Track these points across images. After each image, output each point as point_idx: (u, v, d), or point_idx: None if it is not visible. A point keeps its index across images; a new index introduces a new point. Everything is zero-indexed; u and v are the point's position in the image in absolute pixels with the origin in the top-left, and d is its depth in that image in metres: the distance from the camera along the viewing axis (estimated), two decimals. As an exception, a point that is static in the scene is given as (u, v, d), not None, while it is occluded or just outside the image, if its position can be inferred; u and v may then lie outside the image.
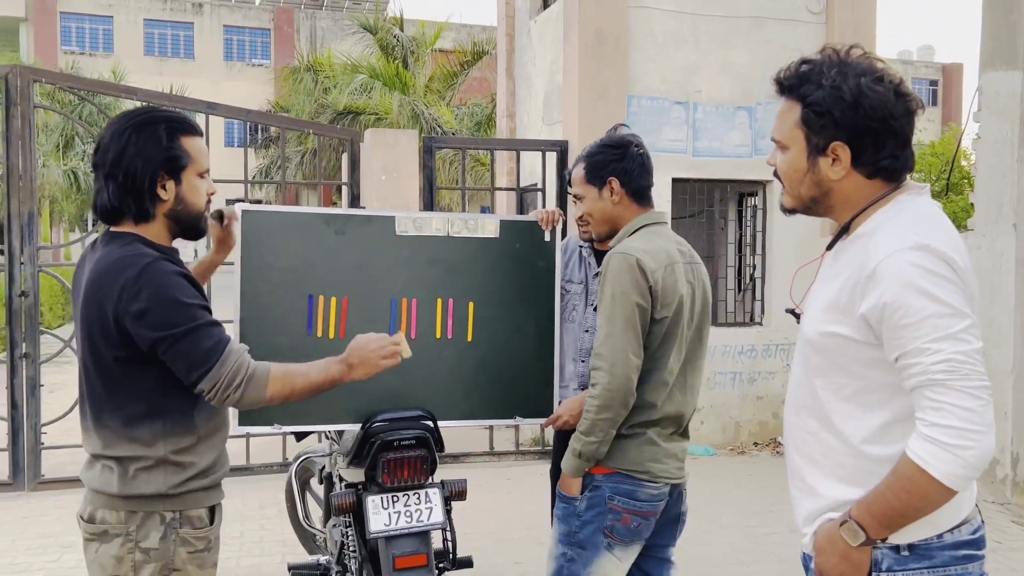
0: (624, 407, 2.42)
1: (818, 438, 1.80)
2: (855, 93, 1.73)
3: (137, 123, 2.11)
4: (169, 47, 35.69)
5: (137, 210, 2.09)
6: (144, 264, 2.00)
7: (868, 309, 1.66)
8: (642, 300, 2.42)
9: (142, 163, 2.07)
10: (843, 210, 1.83)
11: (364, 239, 2.85)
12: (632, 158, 2.63)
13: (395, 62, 16.93)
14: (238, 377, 2.02)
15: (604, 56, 7.41)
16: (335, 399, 2.84)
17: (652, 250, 2.48)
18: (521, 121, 9.26)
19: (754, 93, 7.90)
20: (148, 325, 1.97)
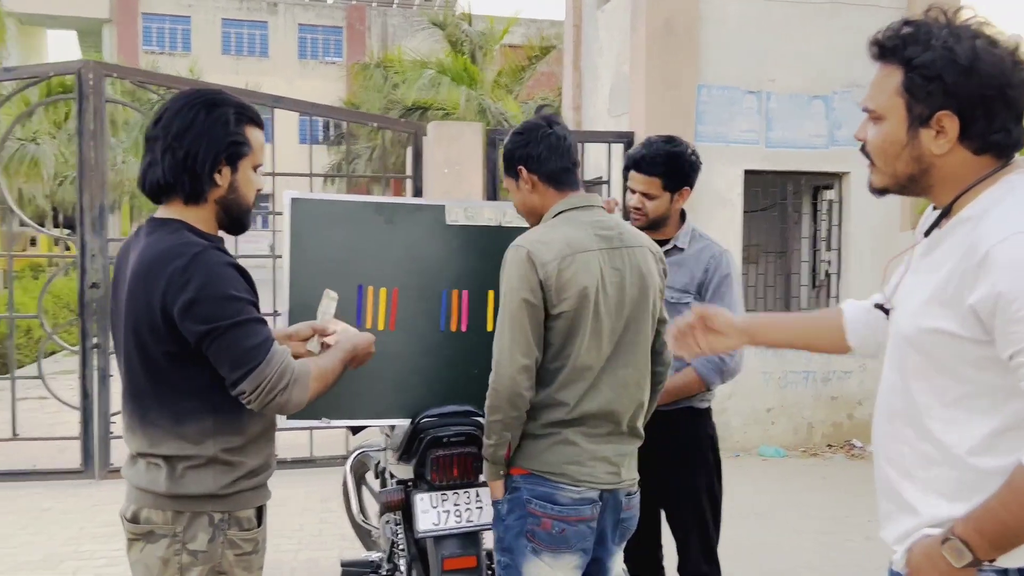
0: (513, 408, 2.27)
1: (915, 449, 1.59)
2: (970, 56, 1.53)
3: (206, 101, 2.01)
4: (245, 46, 36.39)
5: (191, 190, 1.98)
6: (194, 253, 1.90)
7: (978, 300, 1.46)
8: (531, 296, 2.25)
9: (207, 143, 1.97)
10: (944, 190, 1.61)
11: (414, 229, 2.76)
12: (538, 141, 2.39)
13: (463, 57, 16.90)
14: (284, 378, 1.92)
15: (672, 45, 7.21)
16: (385, 393, 2.76)
17: (551, 240, 2.29)
18: (587, 114, 9.10)
19: (831, 81, 7.60)
20: (195, 317, 1.87)
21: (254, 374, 1.89)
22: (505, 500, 2.36)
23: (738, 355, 2.85)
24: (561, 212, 2.39)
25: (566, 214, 2.38)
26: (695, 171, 2.93)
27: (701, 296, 2.89)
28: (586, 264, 2.29)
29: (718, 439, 3.02)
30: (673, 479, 2.93)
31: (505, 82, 17.22)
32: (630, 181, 2.96)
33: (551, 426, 2.32)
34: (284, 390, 1.92)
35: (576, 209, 2.39)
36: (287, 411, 1.98)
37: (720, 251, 2.93)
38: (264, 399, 1.91)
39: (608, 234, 2.37)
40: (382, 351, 2.72)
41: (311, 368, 2.00)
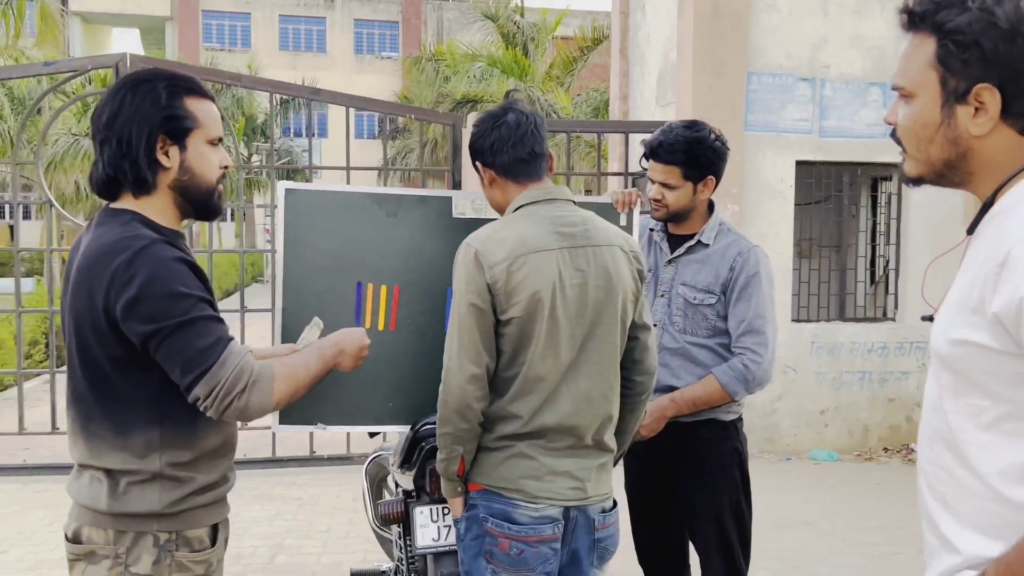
0: (463, 420, 2.06)
1: (953, 476, 1.37)
2: (1013, 18, 1.30)
3: (133, 81, 1.85)
4: (303, 41, 36.69)
5: (134, 178, 1.81)
6: (139, 247, 1.72)
7: (1001, 307, 1.24)
8: (478, 299, 2.05)
9: (138, 124, 1.80)
10: (986, 178, 1.38)
11: (418, 222, 2.58)
12: (490, 131, 2.17)
13: (514, 50, 16.70)
14: (240, 382, 1.72)
15: (721, 31, 6.92)
16: (384, 398, 2.60)
17: (503, 238, 2.08)
18: (634, 103, 8.84)
19: (889, 67, 7.22)
20: (138, 317, 1.69)
21: (206, 377, 1.71)
22: (464, 518, 2.16)
23: (765, 361, 2.60)
24: (520, 207, 2.17)
25: (525, 209, 2.16)
26: (720, 159, 2.68)
27: (726, 296, 2.65)
28: (540, 265, 2.07)
29: (747, 453, 2.77)
30: (694, 496, 2.70)
31: (556, 74, 16.96)
32: (649, 171, 2.74)
33: (505, 439, 2.12)
34: (241, 394, 1.72)
35: (536, 203, 2.16)
36: (247, 417, 1.79)
37: (748, 247, 2.68)
38: (220, 405, 1.72)
39: (570, 231, 2.14)
40: (382, 353, 2.57)
41: (275, 368, 1.80)
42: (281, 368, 1.82)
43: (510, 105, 2.24)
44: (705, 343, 2.66)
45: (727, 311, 2.65)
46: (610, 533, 2.23)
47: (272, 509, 5.38)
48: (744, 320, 2.60)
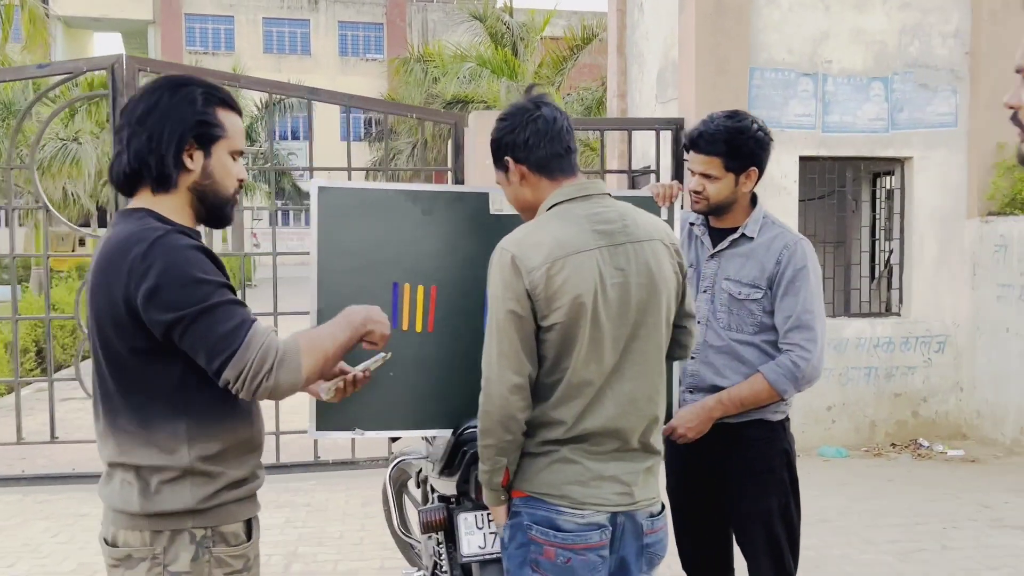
0: (507, 431, 1.98)
1: None
2: None
3: (172, 82, 1.88)
4: (287, 44, 36.52)
5: (158, 175, 1.82)
6: (154, 238, 1.73)
7: None
8: (517, 306, 1.96)
9: (171, 122, 1.82)
10: None
11: (455, 219, 2.51)
12: (524, 126, 2.07)
13: (504, 50, 16.64)
14: (268, 361, 1.70)
15: (724, 26, 6.88)
16: (423, 401, 2.52)
17: (539, 240, 1.99)
18: (633, 101, 8.80)
19: (891, 62, 7.22)
20: (159, 306, 1.69)
21: (233, 360, 1.69)
22: (508, 526, 2.08)
23: (815, 358, 2.53)
24: (554, 205, 2.08)
25: (560, 207, 2.07)
26: (763, 149, 2.62)
27: (772, 290, 2.58)
28: (580, 267, 1.98)
29: (795, 453, 2.70)
30: (741, 499, 2.63)
31: (546, 73, 16.91)
32: (689, 162, 2.67)
33: (548, 444, 2.04)
34: (269, 373, 1.71)
35: (571, 201, 2.07)
36: (279, 395, 1.77)
37: (795, 240, 2.62)
38: (250, 386, 1.71)
39: (609, 228, 2.05)
40: (420, 355, 2.50)
41: (300, 342, 1.78)
42: (306, 342, 1.80)
43: (540, 99, 2.15)
44: (751, 340, 2.59)
45: (773, 306, 2.58)
46: (659, 538, 2.16)
47: (281, 516, 5.28)
48: (792, 315, 2.54)
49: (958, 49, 7.31)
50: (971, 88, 7.30)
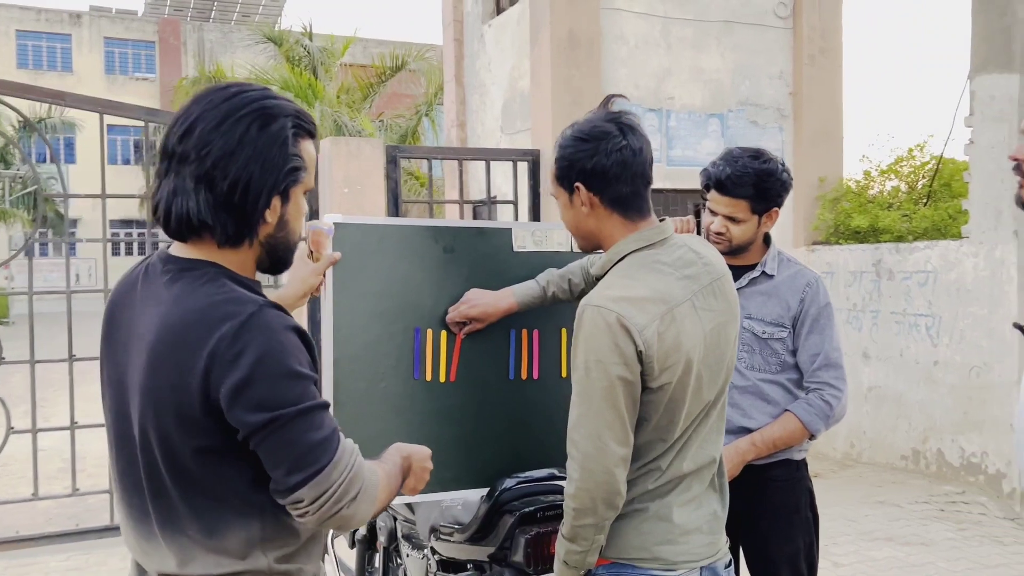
0: (610, 508, 1.82)
1: None
2: None
3: (260, 112, 1.46)
4: (45, 60, 33.53)
5: (235, 232, 1.46)
6: (247, 315, 1.39)
7: None
8: (626, 371, 1.77)
9: (262, 172, 1.44)
10: None
11: (477, 257, 2.28)
12: (607, 153, 1.84)
13: (307, 74, 16.14)
14: (354, 488, 1.45)
15: (577, 60, 6.98)
16: (452, 458, 2.27)
17: (641, 296, 1.80)
18: (473, 131, 8.74)
19: (726, 99, 7.63)
20: (249, 403, 1.37)
21: (318, 479, 1.40)
22: None
23: (845, 396, 2.53)
24: (634, 252, 1.88)
25: (640, 255, 1.87)
26: (786, 190, 2.58)
27: (795, 329, 2.55)
28: (684, 320, 1.82)
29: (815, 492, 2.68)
30: (769, 540, 2.57)
31: (351, 100, 16.58)
32: (711, 202, 2.59)
33: (637, 500, 1.87)
34: (352, 501, 1.45)
35: (650, 248, 1.88)
36: (347, 528, 1.52)
37: (816, 277, 2.61)
38: (326, 512, 1.43)
39: (693, 272, 1.90)
40: (444, 407, 2.26)
41: (380, 474, 1.53)
42: (385, 475, 1.57)
43: (627, 124, 1.91)
44: (776, 379, 2.55)
45: (796, 344, 2.55)
46: None
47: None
48: (820, 353, 2.51)
49: (783, 89, 7.84)
50: (794, 126, 7.86)
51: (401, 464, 1.68)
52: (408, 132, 15.59)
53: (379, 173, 6.73)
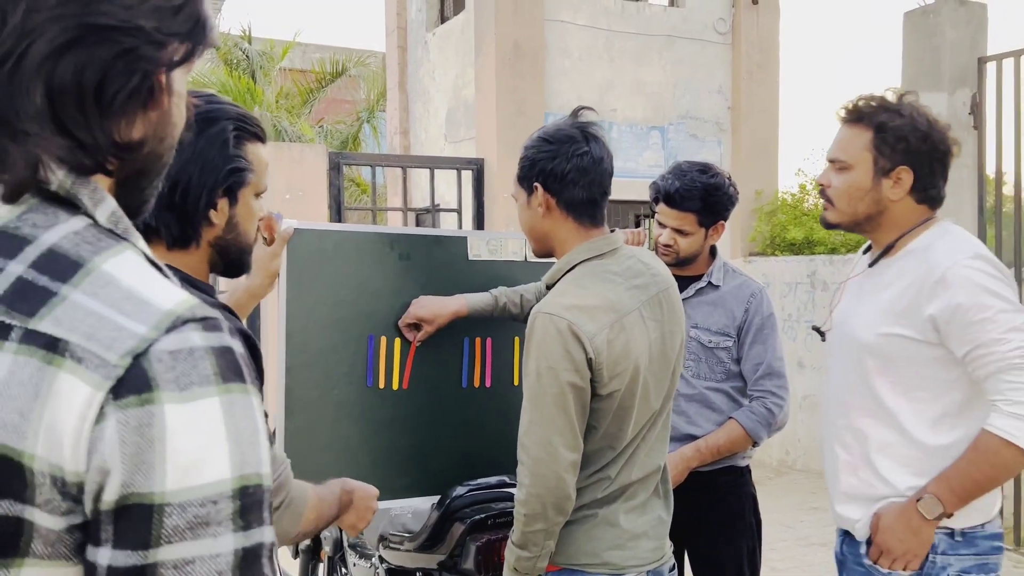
0: (560, 512, 1.84)
1: (877, 434, 1.95)
2: (927, 126, 1.94)
3: (198, 114, 1.45)
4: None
5: (179, 234, 1.46)
6: None
7: (939, 310, 1.83)
8: (577, 377, 1.78)
9: (200, 173, 1.45)
10: (889, 230, 1.99)
11: (432, 265, 2.29)
12: (568, 157, 1.87)
13: (246, 78, 15.91)
14: (277, 499, 1.48)
15: (522, 70, 7.04)
16: (403, 466, 2.26)
17: (591, 304, 1.82)
18: (417, 138, 8.73)
19: (667, 112, 7.76)
20: None
21: None
22: None
23: (787, 404, 2.60)
24: (585, 261, 1.91)
25: (591, 264, 1.91)
26: (733, 204, 2.64)
27: (740, 338, 2.61)
28: (632, 328, 1.86)
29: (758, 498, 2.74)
30: (715, 545, 2.61)
31: (287, 105, 16.38)
32: (660, 215, 2.63)
33: (586, 507, 1.90)
34: (276, 511, 1.49)
35: (601, 257, 1.92)
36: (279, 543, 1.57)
37: (760, 288, 2.67)
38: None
39: (642, 281, 1.93)
40: (396, 416, 2.26)
41: (310, 495, 1.56)
42: (316, 498, 1.59)
43: (590, 131, 1.96)
44: (720, 387, 2.60)
45: (740, 353, 2.61)
46: None
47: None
48: (763, 362, 2.57)
49: (722, 104, 8.01)
50: (733, 139, 8.03)
51: (340, 496, 1.69)
52: (349, 138, 15.45)
53: (322, 180, 6.69)
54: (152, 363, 0.68)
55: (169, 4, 0.78)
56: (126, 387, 0.67)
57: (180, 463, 0.68)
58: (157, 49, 0.78)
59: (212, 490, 0.69)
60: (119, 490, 0.66)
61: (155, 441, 0.67)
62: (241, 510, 0.71)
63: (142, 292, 0.72)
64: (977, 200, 5.25)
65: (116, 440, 0.66)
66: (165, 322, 0.70)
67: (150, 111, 0.80)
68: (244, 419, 0.73)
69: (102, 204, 0.79)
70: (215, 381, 0.71)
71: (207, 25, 0.83)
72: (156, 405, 0.67)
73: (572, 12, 7.36)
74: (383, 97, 14.08)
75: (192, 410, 0.69)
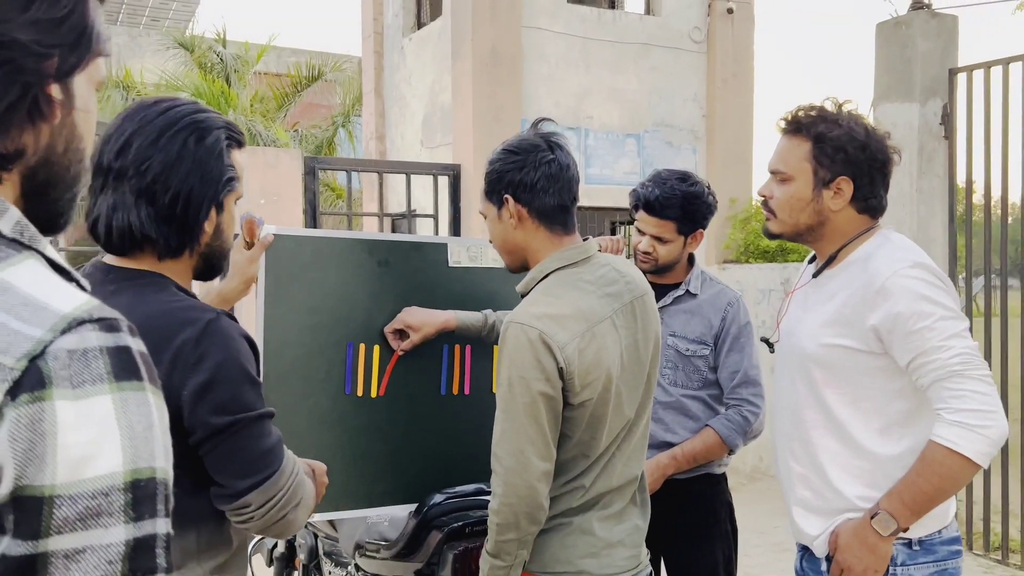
0: (532, 522, 1.84)
1: (827, 446, 1.95)
2: (864, 135, 1.94)
3: (193, 124, 1.48)
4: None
5: (177, 244, 1.48)
6: (206, 321, 1.43)
7: (880, 320, 1.84)
8: (548, 387, 1.79)
9: (200, 183, 1.47)
10: (832, 240, 2.01)
11: (412, 271, 2.28)
12: (535, 166, 1.88)
13: (219, 81, 15.81)
14: (298, 495, 1.50)
15: (499, 76, 7.05)
16: (380, 474, 2.25)
17: (563, 313, 1.83)
18: (393, 143, 8.71)
19: (642, 120, 7.80)
20: (212, 406, 1.40)
21: (267, 484, 1.44)
22: None
23: (763, 412, 2.61)
24: (558, 270, 1.91)
25: (564, 273, 1.91)
26: (711, 212, 2.66)
27: (716, 347, 2.62)
28: (605, 337, 1.86)
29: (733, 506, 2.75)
30: (691, 553, 2.62)
31: (262, 109, 16.28)
32: (639, 223, 2.64)
33: (561, 516, 1.90)
34: (296, 507, 1.50)
35: (574, 266, 1.92)
36: (284, 535, 1.56)
37: (736, 297, 2.69)
38: (272, 517, 1.46)
39: (615, 289, 1.94)
40: (372, 423, 2.25)
41: (310, 485, 1.58)
42: (312, 485, 1.60)
43: (553, 140, 1.95)
44: (697, 395, 2.61)
45: (717, 362, 2.62)
46: None
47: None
48: (739, 371, 2.59)
49: (697, 112, 8.06)
50: (707, 147, 8.08)
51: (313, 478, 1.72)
52: (324, 143, 15.40)
53: (297, 184, 6.65)
54: (48, 362, 0.71)
55: (50, 16, 0.79)
56: (22, 387, 0.70)
57: (70, 457, 0.70)
58: (37, 62, 0.78)
59: (103, 483, 0.71)
60: (12, 483, 0.69)
61: (46, 435, 0.69)
62: (133, 502, 0.73)
63: (39, 298, 0.74)
64: (948, 209, 5.32)
65: (8, 436, 0.69)
66: (61, 324, 0.73)
67: (39, 123, 0.81)
68: (138, 415, 0.75)
69: (5, 215, 0.80)
70: (107, 379, 0.73)
71: (95, 34, 0.84)
72: (48, 402, 0.70)
73: (549, 19, 7.38)
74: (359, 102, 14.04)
75: (84, 407, 0.71)
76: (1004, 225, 4.86)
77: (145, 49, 26.84)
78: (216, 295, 1.88)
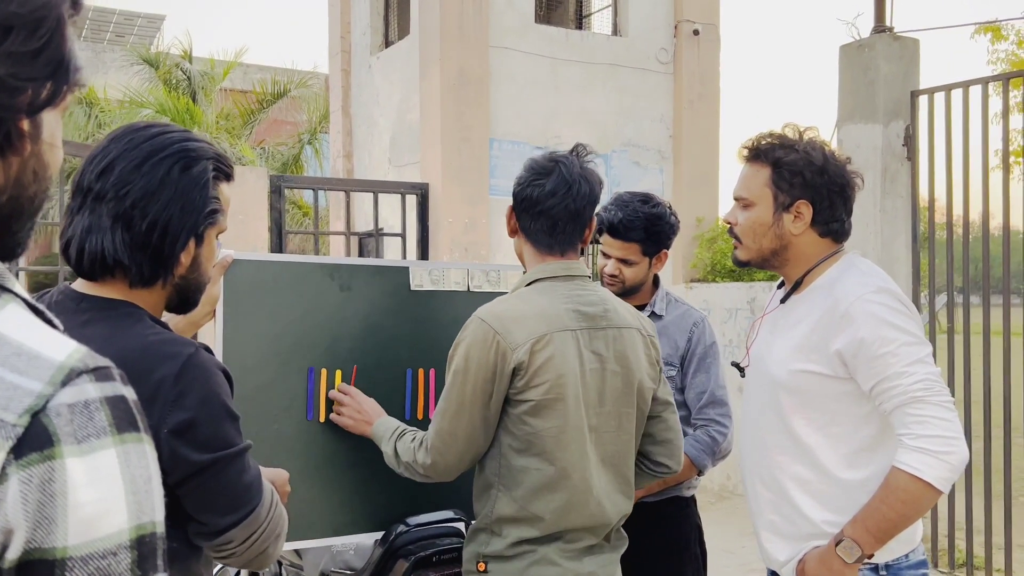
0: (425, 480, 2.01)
1: (794, 472, 1.96)
2: (822, 160, 1.95)
3: (181, 152, 1.43)
4: None
5: (150, 274, 1.42)
6: (187, 355, 1.38)
7: (844, 345, 1.85)
8: (490, 384, 1.85)
9: (181, 214, 1.41)
10: (796, 264, 2.02)
11: (374, 296, 2.24)
12: (527, 186, 1.95)
13: (185, 98, 15.69)
14: (279, 527, 1.48)
15: (467, 96, 7.05)
16: (346, 502, 2.21)
17: (524, 314, 1.88)
18: (361, 162, 8.68)
19: (610, 140, 7.83)
20: (194, 444, 1.36)
21: (249, 519, 1.41)
22: None
23: (730, 433, 2.60)
24: (536, 281, 1.97)
25: (542, 284, 1.97)
26: (675, 233, 2.66)
27: (683, 368, 2.61)
28: (563, 345, 1.89)
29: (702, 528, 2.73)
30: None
31: (228, 126, 16.17)
32: (604, 246, 2.64)
33: (524, 544, 1.89)
34: (276, 539, 1.47)
35: (554, 279, 1.97)
36: (264, 567, 1.53)
37: (702, 317, 2.68)
38: (254, 550, 1.44)
39: (591, 311, 1.96)
40: (338, 449, 2.20)
41: (286, 513, 1.55)
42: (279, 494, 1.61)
43: (566, 162, 1.99)
44: None
45: (684, 382, 2.61)
46: None
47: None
48: (706, 391, 2.58)
49: (663, 132, 8.11)
50: (674, 167, 8.13)
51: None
52: (290, 160, 15.33)
53: (263, 202, 6.60)
54: (51, 419, 0.67)
55: (26, 49, 0.75)
56: (27, 445, 0.66)
57: (82, 516, 0.67)
58: (12, 96, 0.75)
59: (112, 542, 0.69)
60: (23, 546, 0.66)
61: (56, 496, 0.67)
62: (139, 559, 0.71)
63: (31, 346, 0.71)
64: (911, 228, 5.38)
65: (19, 498, 0.66)
66: (59, 376, 0.70)
67: (9, 157, 0.78)
68: (139, 467, 0.73)
69: None
70: (111, 432, 0.71)
71: (71, 66, 0.80)
72: (57, 460, 0.67)
73: (517, 39, 7.40)
74: (325, 119, 14.01)
75: (91, 462, 0.69)
76: (966, 244, 4.91)
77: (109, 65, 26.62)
78: (183, 320, 1.84)
